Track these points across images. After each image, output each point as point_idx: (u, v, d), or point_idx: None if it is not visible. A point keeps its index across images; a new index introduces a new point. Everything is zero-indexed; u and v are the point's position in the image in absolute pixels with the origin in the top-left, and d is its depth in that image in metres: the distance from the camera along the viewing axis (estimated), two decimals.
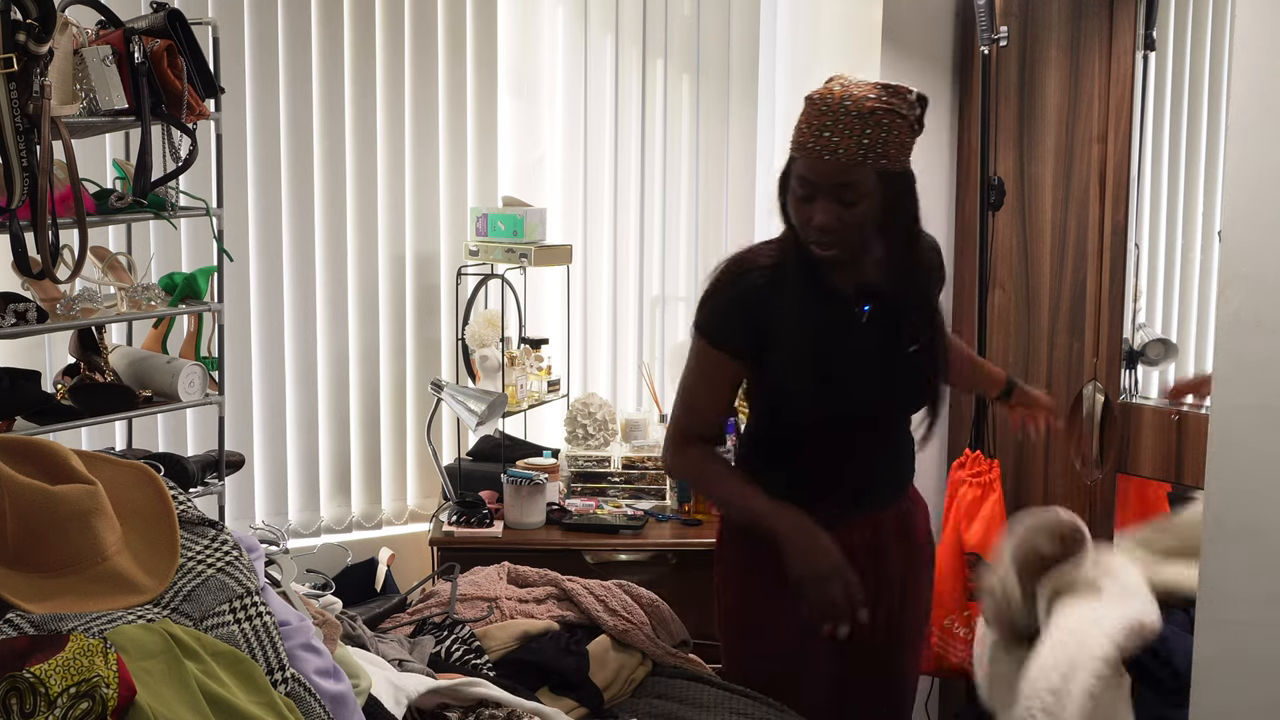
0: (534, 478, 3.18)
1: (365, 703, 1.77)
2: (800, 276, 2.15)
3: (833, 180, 2.03)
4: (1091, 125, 3.16)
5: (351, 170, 3.38)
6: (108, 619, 1.49)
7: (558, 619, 2.40)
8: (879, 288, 2.18)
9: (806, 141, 2.04)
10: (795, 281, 2.15)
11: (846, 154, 2.01)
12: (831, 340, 2.16)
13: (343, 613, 2.17)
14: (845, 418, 2.19)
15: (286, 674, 1.61)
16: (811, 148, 2.03)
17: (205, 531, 1.72)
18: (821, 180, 2.04)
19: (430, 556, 3.16)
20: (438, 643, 2.24)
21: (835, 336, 2.17)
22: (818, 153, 2.03)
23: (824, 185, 2.04)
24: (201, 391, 2.59)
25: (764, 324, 2.14)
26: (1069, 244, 3.23)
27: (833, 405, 2.18)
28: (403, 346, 3.51)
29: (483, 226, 3.43)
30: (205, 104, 2.45)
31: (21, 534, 1.56)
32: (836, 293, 2.18)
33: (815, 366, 2.15)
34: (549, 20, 3.61)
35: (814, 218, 2.07)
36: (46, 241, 2.17)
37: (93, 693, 1.32)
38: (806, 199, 2.07)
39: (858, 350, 2.17)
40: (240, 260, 3.17)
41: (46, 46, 2.07)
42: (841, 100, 2.02)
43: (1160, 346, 3.19)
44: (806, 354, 2.15)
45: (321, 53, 3.31)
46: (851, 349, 2.17)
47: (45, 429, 2.37)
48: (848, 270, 2.18)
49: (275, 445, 3.36)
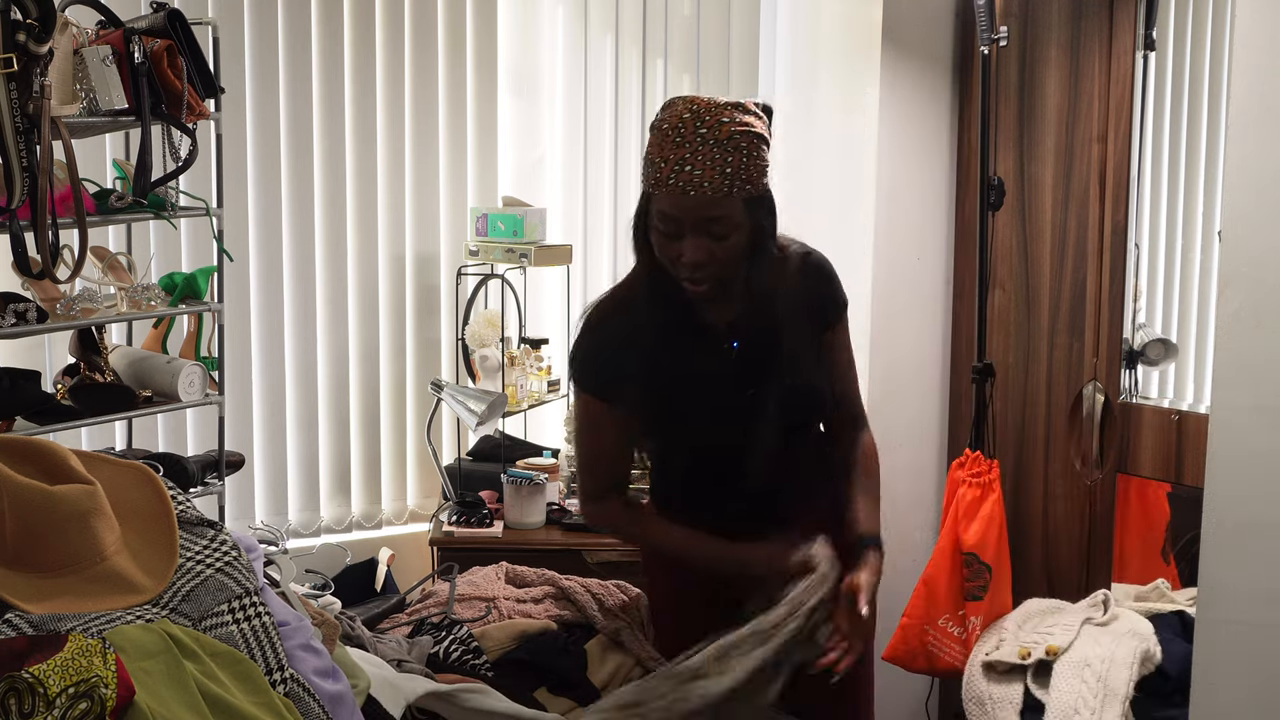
0: (534, 478, 3.18)
1: (364, 703, 1.77)
2: (665, 318, 2.08)
3: (701, 215, 1.93)
4: (1091, 125, 3.16)
5: (351, 170, 3.38)
6: (106, 619, 1.49)
7: (555, 619, 2.40)
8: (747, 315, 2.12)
9: (666, 177, 1.93)
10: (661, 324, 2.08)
11: (712, 186, 1.91)
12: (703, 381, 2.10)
13: (342, 613, 2.18)
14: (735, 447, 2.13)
15: (285, 674, 1.61)
16: (674, 184, 1.92)
17: (204, 532, 1.72)
18: (688, 216, 1.94)
19: (430, 556, 3.16)
20: (436, 643, 2.24)
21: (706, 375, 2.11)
22: (681, 189, 1.91)
23: (691, 221, 1.94)
24: (201, 391, 2.59)
25: (630, 371, 2.08)
26: (1069, 244, 3.23)
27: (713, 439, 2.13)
28: (403, 346, 3.51)
29: (483, 226, 3.43)
30: (205, 104, 2.45)
31: (20, 534, 1.56)
32: (706, 328, 2.12)
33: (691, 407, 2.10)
34: (549, 20, 3.61)
35: (684, 255, 1.97)
36: (46, 241, 2.17)
37: (91, 693, 1.32)
38: (673, 236, 1.97)
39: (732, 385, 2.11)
40: (240, 260, 3.17)
41: (46, 46, 2.07)
42: (696, 129, 1.92)
43: (1160, 346, 3.19)
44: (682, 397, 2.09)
45: (321, 53, 3.31)
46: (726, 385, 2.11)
47: (45, 429, 2.37)
48: (717, 303, 2.11)
49: (275, 445, 3.36)
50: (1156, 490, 3.19)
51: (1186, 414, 3.02)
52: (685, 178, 1.91)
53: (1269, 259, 2.16)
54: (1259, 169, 2.17)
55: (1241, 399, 2.20)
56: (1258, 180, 2.17)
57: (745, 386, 2.12)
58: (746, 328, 2.12)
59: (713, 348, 2.12)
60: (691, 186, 1.91)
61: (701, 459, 2.16)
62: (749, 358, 2.12)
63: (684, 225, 1.95)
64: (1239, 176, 2.20)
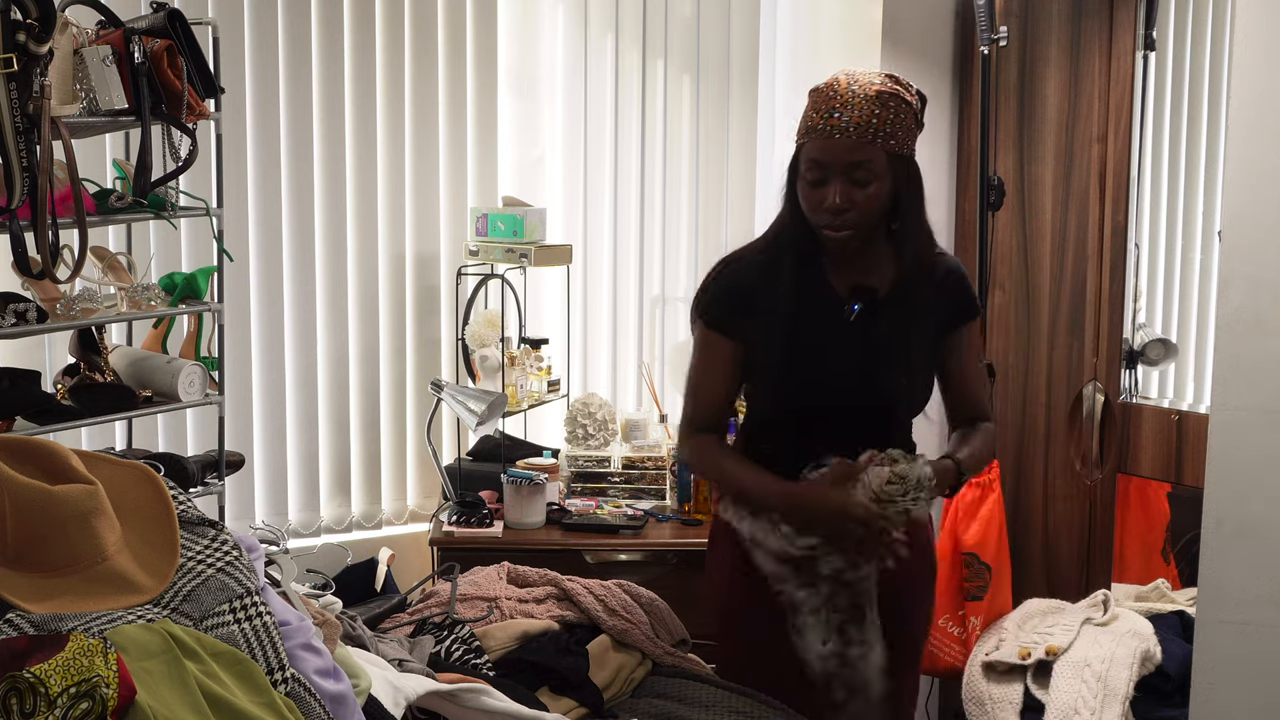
0: (534, 478, 3.18)
1: (365, 703, 1.77)
2: (795, 268, 2.18)
3: (845, 159, 2.06)
4: (1091, 125, 3.16)
5: (351, 170, 3.38)
6: (108, 619, 1.49)
7: (557, 619, 2.40)
8: (878, 290, 2.19)
9: (816, 124, 2.08)
10: (789, 273, 2.18)
11: (858, 131, 2.04)
12: (814, 335, 2.18)
13: (343, 613, 2.17)
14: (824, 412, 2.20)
15: (286, 674, 1.61)
16: (822, 129, 2.07)
17: (205, 531, 1.72)
18: (834, 160, 2.07)
19: (430, 556, 3.16)
20: (437, 643, 2.24)
21: (820, 331, 2.18)
22: (828, 133, 2.06)
23: (836, 165, 2.07)
24: (201, 391, 2.59)
25: (754, 309, 2.18)
26: (1069, 244, 3.23)
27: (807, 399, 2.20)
28: (403, 346, 3.51)
29: (483, 226, 3.43)
30: (205, 104, 2.45)
31: (21, 534, 1.56)
32: (829, 288, 2.19)
33: (794, 359, 2.17)
34: (549, 20, 3.61)
35: (827, 199, 2.08)
36: (46, 241, 2.17)
37: (93, 693, 1.32)
38: (818, 182, 2.09)
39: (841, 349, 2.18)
40: (240, 260, 3.17)
41: (46, 46, 2.07)
42: (849, 86, 2.07)
43: (1160, 346, 3.19)
44: (788, 346, 2.17)
45: (321, 53, 3.31)
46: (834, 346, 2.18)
47: (45, 429, 2.37)
48: (849, 269, 2.19)
49: (275, 445, 3.36)
50: (1156, 490, 3.19)
51: (1186, 414, 3.02)
52: (834, 123, 2.06)
53: (1269, 259, 2.17)
54: (1259, 169, 2.18)
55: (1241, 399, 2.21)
56: (1258, 180, 2.18)
57: (850, 352, 2.18)
58: (870, 297, 2.18)
59: (833, 307, 2.18)
60: (838, 130, 2.05)
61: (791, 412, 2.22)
62: (862, 327, 2.17)
63: (830, 170, 2.07)
64: (1239, 176, 2.21)
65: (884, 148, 2.06)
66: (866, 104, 2.05)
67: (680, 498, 3.34)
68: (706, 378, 2.25)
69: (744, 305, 2.19)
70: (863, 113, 2.05)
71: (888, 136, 2.06)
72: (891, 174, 2.09)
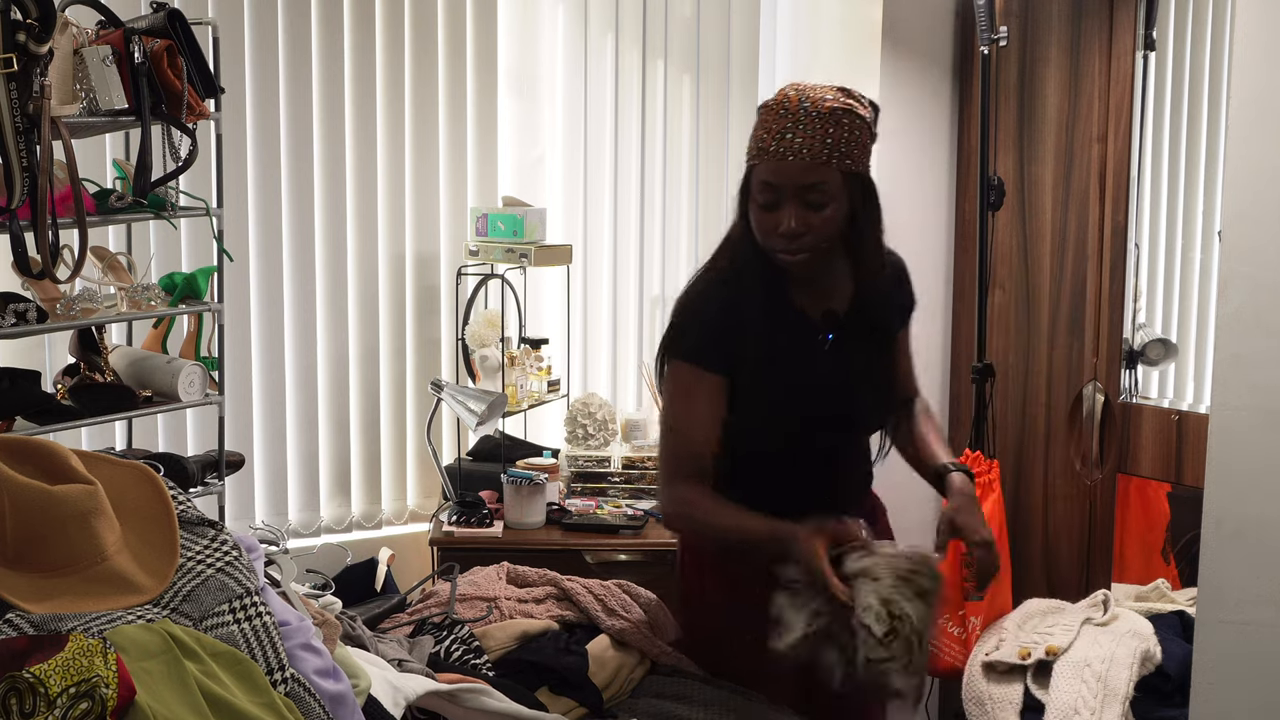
0: (534, 478, 3.18)
1: (364, 703, 1.77)
2: (763, 298, 2.09)
3: (798, 181, 1.98)
4: (1091, 125, 3.16)
5: (351, 170, 3.38)
6: (107, 619, 1.49)
7: (557, 619, 2.40)
8: (842, 311, 2.13)
9: (768, 146, 1.99)
10: (758, 301, 2.09)
11: (810, 153, 1.96)
12: (794, 363, 2.11)
13: (342, 613, 2.17)
14: (806, 444, 2.14)
15: (286, 674, 1.61)
16: (774, 150, 1.98)
17: (205, 531, 1.72)
18: (786, 183, 1.98)
19: (430, 556, 3.16)
20: (437, 643, 2.24)
21: (799, 359, 2.11)
22: (781, 154, 1.97)
23: (789, 188, 1.99)
24: (201, 391, 2.59)
25: (736, 344, 2.08)
26: (1069, 244, 3.23)
27: (793, 434, 2.13)
28: (403, 346, 3.51)
29: (483, 226, 3.43)
30: (205, 104, 2.45)
31: (21, 534, 1.56)
32: (798, 313, 2.13)
33: (778, 396, 2.10)
34: (549, 20, 3.61)
35: (781, 223, 2.00)
36: (46, 241, 2.17)
37: (92, 693, 1.32)
38: (771, 205, 2.01)
39: (820, 378, 2.12)
40: (240, 260, 3.17)
41: (46, 46, 2.07)
42: (800, 103, 1.98)
43: (1160, 346, 3.19)
44: (771, 383, 2.09)
45: (321, 53, 3.31)
46: (814, 378, 2.12)
47: (45, 429, 2.37)
48: (811, 290, 2.13)
49: (275, 445, 3.36)
50: (1156, 490, 3.19)
51: (1186, 414, 3.02)
52: (786, 144, 1.97)
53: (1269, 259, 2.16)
54: (1259, 169, 2.17)
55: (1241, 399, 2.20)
56: (1258, 180, 2.18)
57: (831, 381, 2.13)
58: (842, 322, 2.13)
59: (806, 332, 2.13)
60: (791, 152, 1.96)
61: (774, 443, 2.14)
62: (841, 353, 2.13)
63: (783, 192, 1.99)
64: (1239, 176, 2.21)
65: (839, 168, 1.98)
66: (819, 123, 1.96)
67: None
68: (694, 416, 2.09)
69: (724, 337, 2.08)
70: (816, 132, 1.96)
71: (843, 156, 1.98)
72: (848, 194, 2.01)
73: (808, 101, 1.98)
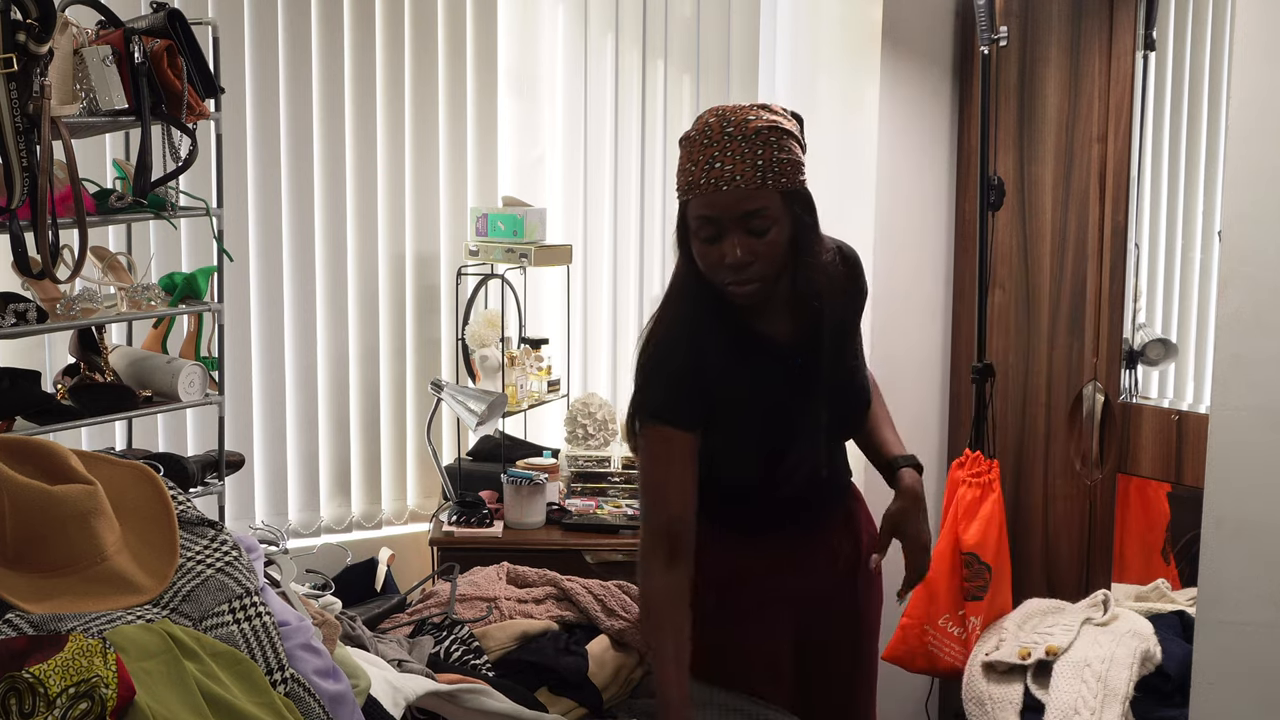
0: (534, 478, 3.18)
1: (364, 703, 1.77)
2: (726, 336, 2.04)
3: (738, 210, 1.91)
4: (1091, 125, 3.16)
5: (351, 170, 3.38)
6: (107, 619, 1.49)
7: (557, 619, 2.40)
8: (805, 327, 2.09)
9: (698, 179, 1.92)
10: (724, 342, 2.04)
11: (745, 179, 1.89)
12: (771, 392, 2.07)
13: (342, 613, 2.18)
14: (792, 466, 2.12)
15: (286, 674, 1.61)
16: (705, 183, 1.91)
17: (205, 531, 1.72)
18: (725, 214, 1.92)
19: (430, 556, 3.16)
20: (437, 643, 2.24)
21: (773, 387, 2.08)
22: (714, 186, 1.90)
23: (728, 218, 1.92)
24: (201, 391, 2.59)
25: (712, 392, 2.03)
26: (1069, 244, 3.23)
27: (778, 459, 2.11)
28: (403, 346, 3.51)
29: (483, 226, 3.43)
30: (205, 104, 2.45)
31: (21, 534, 1.56)
32: (768, 343, 2.08)
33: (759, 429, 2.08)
34: (549, 20, 3.61)
35: (725, 256, 1.93)
36: (46, 241, 2.17)
37: (92, 693, 1.32)
38: (713, 239, 1.94)
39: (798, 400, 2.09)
40: (240, 260, 3.17)
41: (46, 46, 2.07)
42: (723, 129, 1.92)
43: (1160, 346, 3.19)
44: (751, 418, 2.07)
45: (321, 53, 3.31)
46: (792, 401, 2.09)
47: (45, 429, 2.37)
48: (768, 314, 2.08)
49: (275, 445, 3.36)
50: (1156, 490, 3.19)
51: (1186, 414, 3.02)
52: (717, 174, 1.90)
53: (1269, 259, 2.16)
54: (1259, 169, 2.17)
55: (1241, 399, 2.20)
56: (1258, 180, 2.18)
57: (809, 400, 2.09)
58: (805, 340, 2.08)
59: (777, 364, 2.08)
60: (724, 182, 1.90)
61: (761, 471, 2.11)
62: (812, 372, 2.08)
63: (723, 224, 1.93)
64: (1239, 176, 2.21)
65: (776, 188, 1.91)
66: (747, 146, 1.89)
67: None
68: (670, 482, 2.02)
69: (695, 390, 2.02)
70: (745, 156, 1.89)
71: (777, 175, 1.91)
72: (789, 214, 1.95)
73: (730, 126, 1.91)
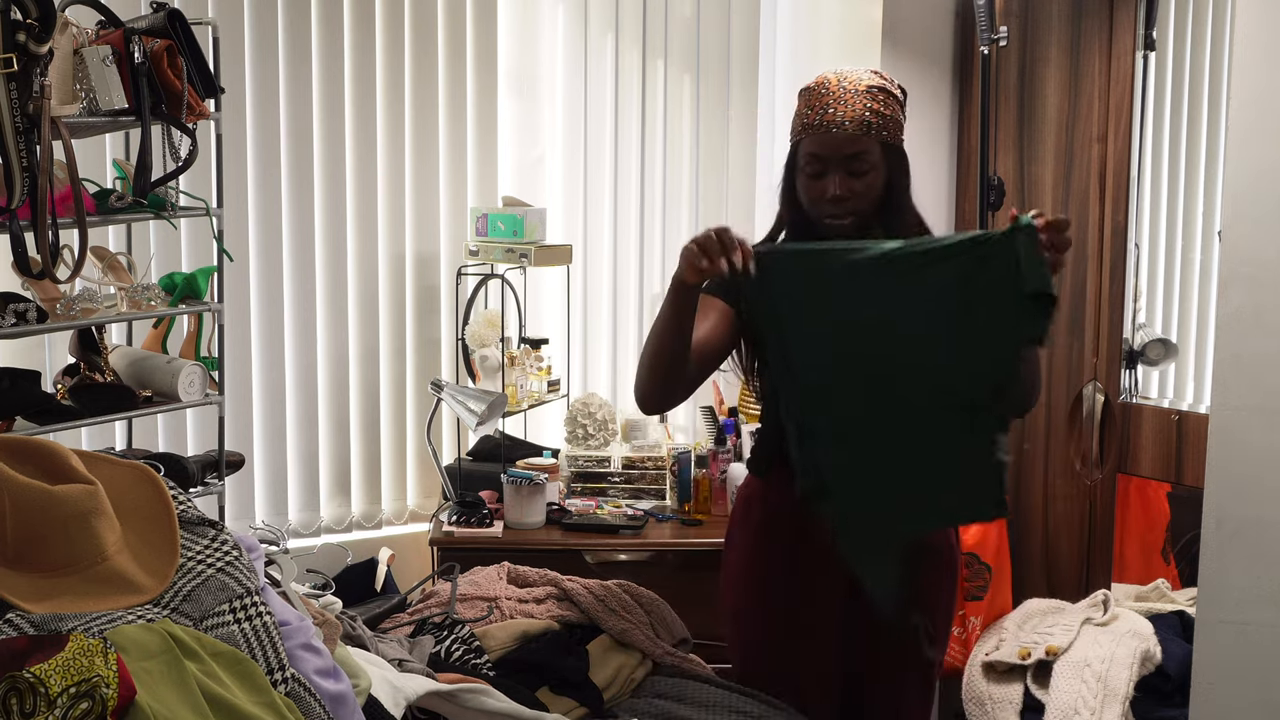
0: (534, 478, 3.18)
1: (365, 702, 1.77)
2: None
3: (843, 152, 2.14)
4: (1091, 125, 3.16)
5: (351, 170, 3.38)
6: (108, 619, 1.49)
7: (557, 619, 2.40)
8: None
9: (812, 121, 2.16)
10: None
11: (854, 124, 2.14)
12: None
13: (343, 613, 2.17)
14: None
15: (286, 674, 1.61)
16: (818, 124, 2.15)
17: (205, 531, 1.72)
18: (832, 153, 2.14)
19: (430, 556, 3.16)
20: (437, 643, 2.24)
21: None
22: (825, 128, 2.14)
23: (835, 158, 2.14)
24: (201, 391, 2.59)
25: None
26: None
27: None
28: (403, 346, 3.51)
29: (483, 226, 3.43)
30: (205, 104, 2.45)
31: (21, 534, 1.56)
32: None
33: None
34: (549, 20, 3.61)
35: (828, 190, 2.15)
36: (46, 241, 2.17)
37: (93, 693, 1.32)
38: (817, 175, 2.16)
39: None
40: (240, 260, 3.17)
41: (46, 46, 2.07)
42: (840, 83, 2.17)
43: (1160, 346, 3.19)
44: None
45: (321, 53, 3.31)
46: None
47: (45, 429, 2.37)
48: None
49: (275, 445, 3.36)
50: (1156, 490, 3.19)
51: (1186, 414, 3.02)
52: (829, 119, 2.15)
53: (1269, 259, 2.17)
54: (1259, 169, 2.17)
55: (1241, 399, 2.20)
56: (1258, 180, 2.18)
57: None
58: None
59: None
60: (835, 125, 2.14)
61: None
62: None
63: (828, 162, 2.15)
64: (1239, 176, 2.21)
65: (878, 139, 2.15)
66: (859, 99, 2.15)
67: (680, 498, 3.34)
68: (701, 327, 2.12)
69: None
70: (856, 108, 2.14)
71: (880, 128, 2.15)
72: (886, 164, 2.17)
73: (846, 81, 2.17)
